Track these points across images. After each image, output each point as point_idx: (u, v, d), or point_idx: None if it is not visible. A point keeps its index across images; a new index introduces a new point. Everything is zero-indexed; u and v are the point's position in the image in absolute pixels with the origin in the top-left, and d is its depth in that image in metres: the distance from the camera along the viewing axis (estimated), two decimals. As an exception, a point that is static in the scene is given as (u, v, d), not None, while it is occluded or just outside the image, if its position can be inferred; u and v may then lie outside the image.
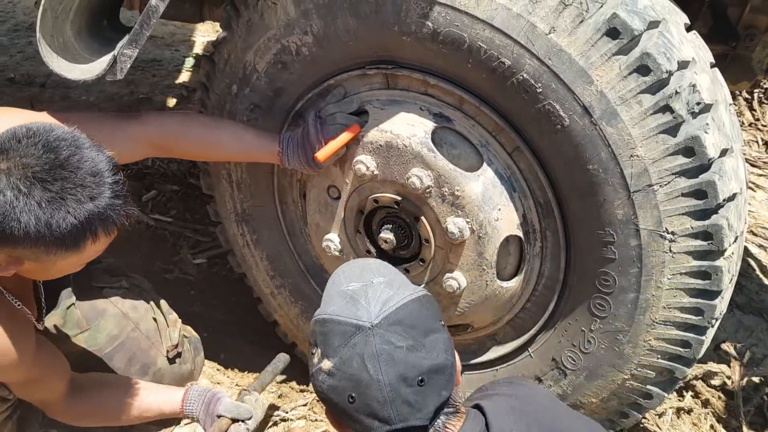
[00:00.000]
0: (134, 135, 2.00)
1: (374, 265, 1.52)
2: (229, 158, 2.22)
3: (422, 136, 1.92)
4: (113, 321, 2.27)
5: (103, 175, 1.55)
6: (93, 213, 1.53)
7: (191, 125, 2.07)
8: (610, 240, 1.80)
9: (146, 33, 1.73)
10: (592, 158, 1.73)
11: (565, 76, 1.68)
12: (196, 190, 3.27)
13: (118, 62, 1.76)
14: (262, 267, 2.48)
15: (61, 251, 1.55)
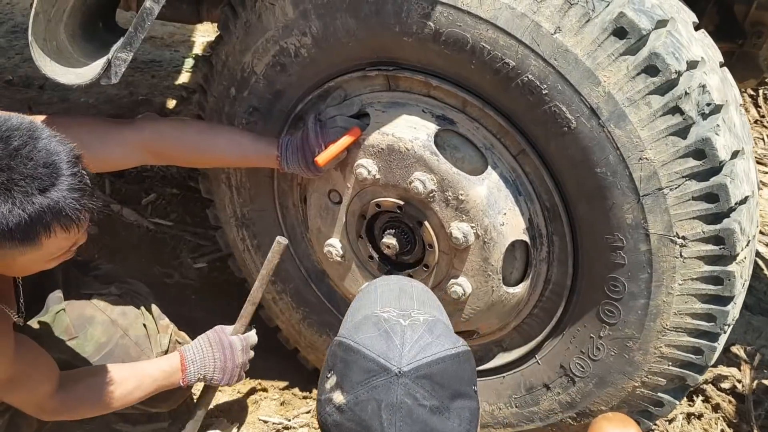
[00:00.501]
0: (127, 140, 1.96)
1: (415, 291, 1.43)
2: (226, 164, 2.18)
3: (425, 139, 1.88)
4: (101, 328, 2.21)
5: (58, 166, 1.47)
6: (43, 206, 1.45)
7: (187, 131, 2.03)
8: (619, 245, 1.75)
9: (141, 36, 1.68)
10: (600, 161, 1.68)
11: (571, 77, 1.63)
12: (196, 194, 3.22)
13: (113, 66, 1.71)
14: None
15: (13, 245, 1.47)
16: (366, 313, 1.35)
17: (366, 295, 1.42)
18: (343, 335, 1.32)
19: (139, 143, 1.96)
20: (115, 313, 2.21)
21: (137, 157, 1.99)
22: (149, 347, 2.23)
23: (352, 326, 1.32)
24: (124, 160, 1.99)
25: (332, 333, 2.41)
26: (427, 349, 1.25)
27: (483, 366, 2.18)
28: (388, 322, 1.29)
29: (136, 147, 1.96)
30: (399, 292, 1.40)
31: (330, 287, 2.39)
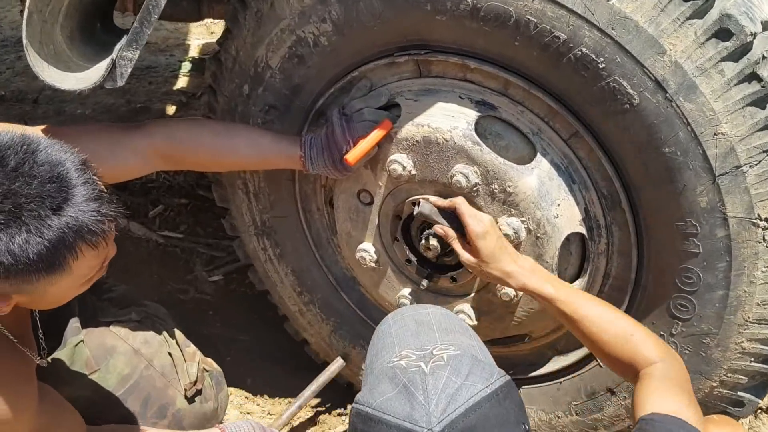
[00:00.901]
0: (138, 147, 1.78)
1: (434, 318, 1.26)
2: (245, 166, 2.00)
3: (464, 127, 1.70)
4: (124, 359, 2.04)
5: (66, 178, 1.30)
6: (62, 226, 1.29)
7: (202, 132, 1.85)
8: (692, 232, 1.57)
9: (147, 31, 1.50)
10: (668, 140, 1.50)
11: (632, 47, 1.45)
12: (206, 202, 3.05)
13: (118, 67, 1.53)
14: (287, 282, 2.26)
15: (40, 277, 1.32)
16: (382, 366, 1.17)
17: (380, 340, 1.25)
18: (360, 401, 1.14)
19: (152, 149, 1.78)
20: (137, 342, 2.04)
21: (151, 164, 1.81)
22: (176, 378, 2.06)
23: (368, 386, 1.15)
24: (136, 169, 1.81)
25: (366, 344, 2.23)
26: (458, 397, 1.07)
27: (536, 372, 2.00)
28: (406, 373, 1.10)
29: (149, 153, 1.79)
30: (416, 327, 1.23)
31: (361, 295, 2.21)
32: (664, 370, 1.45)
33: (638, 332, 1.51)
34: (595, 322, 1.54)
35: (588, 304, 1.58)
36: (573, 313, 1.56)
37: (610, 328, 1.53)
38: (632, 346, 1.49)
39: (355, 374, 2.32)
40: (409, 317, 1.28)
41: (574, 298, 1.58)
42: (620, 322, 1.54)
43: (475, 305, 1.90)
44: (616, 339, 1.51)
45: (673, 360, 1.49)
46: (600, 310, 1.56)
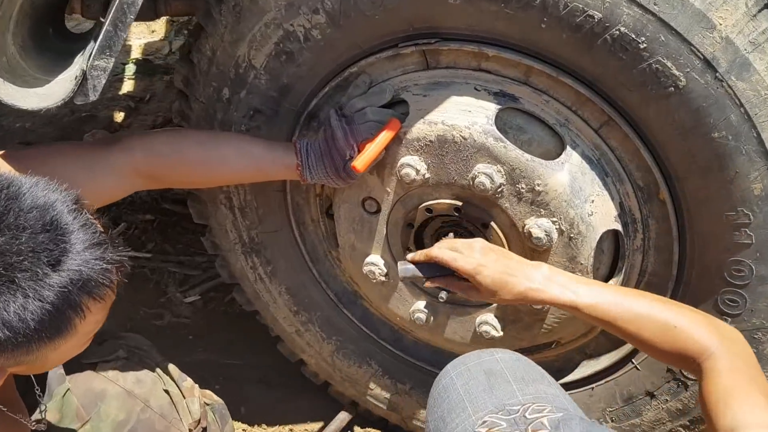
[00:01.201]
0: (116, 165, 1.56)
1: (505, 365, 1.07)
2: (237, 180, 1.79)
3: (484, 122, 1.52)
4: (117, 403, 1.82)
5: (60, 223, 1.10)
6: (64, 284, 1.08)
7: (185, 144, 1.63)
8: (744, 222, 1.44)
9: (123, 35, 1.28)
10: (718, 124, 1.36)
11: (677, 23, 1.30)
12: (173, 217, 2.80)
13: (90, 78, 1.31)
14: (281, 302, 2.06)
15: (42, 345, 1.11)
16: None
17: (445, 399, 1.07)
18: None
19: (132, 167, 1.57)
20: (129, 382, 1.82)
21: (131, 184, 1.60)
22: (177, 417, 1.84)
23: None
24: (116, 191, 1.59)
25: (373, 361, 2.06)
26: None
27: (565, 379, 1.85)
28: None
29: (129, 172, 1.57)
30: (487, 380, 1.05)
31: (365, 310, 2.03)
32: (728, 360, 1.25)
33: (682, 319, 1.31)
34: (631, 320, 1.33)
35: (618, 300, 1.36)
36: (603, 316, 1.35)
37: (648, 324, 1.32)
38: (678, 338, 1.30)
39: (361, 394, 2.14)
40: (476, 367, 1.09)
41: (600, 299, 1.36)
42: (659, 313, 1.33)
43: (500, 314, 1.74)
44: (658, 334, 1.31)
45: (732, 342, 1.29)
46: (633, 304, 1.35)
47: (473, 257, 1.43)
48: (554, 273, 1.42)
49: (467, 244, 1.47)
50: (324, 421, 2.27)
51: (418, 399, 2.05)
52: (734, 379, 1.23)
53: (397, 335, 2.03)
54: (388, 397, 2.09)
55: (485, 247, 1.47)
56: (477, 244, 1.47)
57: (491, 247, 1.48)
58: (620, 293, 1.39)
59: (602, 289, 1.40)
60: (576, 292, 1.37)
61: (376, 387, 2.09)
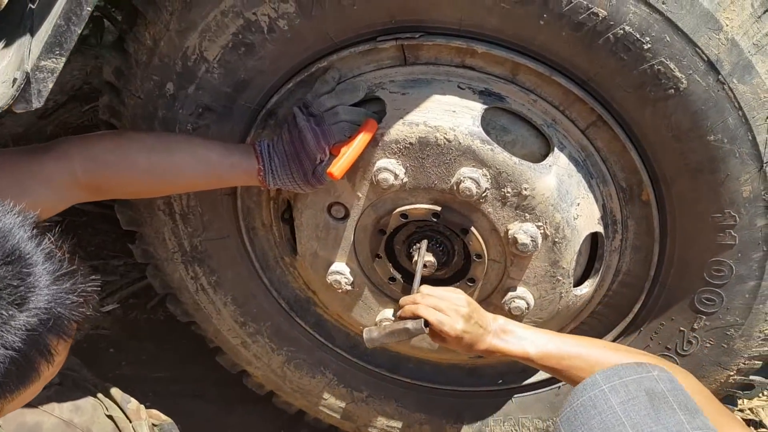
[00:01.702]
0: (54, 177, 1.36)
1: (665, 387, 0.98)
2: (190, 189, 1.60)
3: (469, 124, 1.43)
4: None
5: (21, 253, 0.94)
6: (31, 325, 0.93)
7: (132, 150, 1.42)
8: (729, 223, 1.43)
9: (77, 30, 1.07)
10: (714, 127, 1.33)
11: (684, 23, 1.25)
12: (82, 217, 2.52)
13: (34, 82, 1.09)
14: (226, 314, 1.89)
15: (6, 397, 0.96)
16: None
17: (594, 415, 0.96)
18: None
19: (70, 178, 1.36)
20: (66, 411, 1.64)
21: (69, 197, 1.40)
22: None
23: None
24: (51, 207, 1.37)
25: (328, 370, 1.94)
26: None
27: (531, 379, 1.82)
28: None
29: (66, 184, 1.37)
30: (650, 402, 0.95)
31: (319, 317, 1.90)
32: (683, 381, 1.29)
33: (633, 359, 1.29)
34: (582, 368, 1.34)
35: (569, 348, 1.38)
36: (556, 365, 1.38)
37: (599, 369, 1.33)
38: None
39: (313, 406, 2.01)
40: (634, 384, 0.97)
41: (552, 347, 1.39)
42: (610, 357, 1.33)
43: (473, 320, 1.66)
44: None
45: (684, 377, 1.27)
46: (583, 350, 1.37)
47: (458, 324, 1.40)
48: (509, 324, 1.44)
49: (452, 304, 1.42)
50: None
51: (375, 406, 1.95)
52: None
53: (353, 342, 1.91)
54: (343, 406, 1.98)
55: (469, 312, 1.42)
56: (461, 305, 1.42)
57: (472, 310, 1.43)
58: (570, 339, 1.42)
59: (554, 338, 1.42)
60: (530, 343, 1.40)
61: (330, 396, 1.97)
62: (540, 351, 1.39)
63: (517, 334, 1.42)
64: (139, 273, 2.37)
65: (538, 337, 1.41)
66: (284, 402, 2.09)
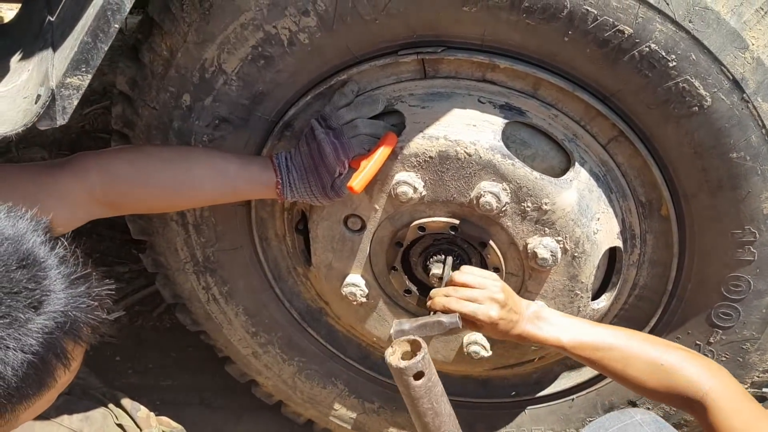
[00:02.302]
0: (68, 193, 1.34)
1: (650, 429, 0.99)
2: (208, 203, 1.58)
3: (490, 138, 1.42)
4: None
5: (35, 256, 0.94)
6: (50, 328, 0.92)
7: (150, 165, 1.41)
8: (749, 239, 1.43)
9: (104, 47, 1.06)
10: (737, 144, 1.33)
11: (710, 42, 1.25)
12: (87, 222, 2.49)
13: (59, 99, 1.07)
14: (238, 324, 1.87)
15: (23, 404, 0.95)
16: None
17: None
18: None
19: (87, 194, 1.34)
20: (75, 421, 1.64)
21: (86, 213, 1.38)
22: None
23: None
24: (67, 223, 1.35)
25: (339, 381, 1.93)
26: None
27: (545, 391, 1.82)
28: None
29: (83, 200, 1.35)
30: None
31: (331, 328, 1.89)
32: (726, 394, 1.27)
33: (670, 357, 1.31)
34: (617, 358, 1.33)
35: (603, 339, 1.35)
36: (590, 355, 1.36)
37: (636, 362, 1.32)
38: (669, 377, 1.30)
39: (322, 416, 2.00)
40: None
41: (586, 337, 1.36)
42: (647, 351, 1.33)
43: (489, 333, 1.66)
44: (647, 371, 1.31)
45: (723, 376, 1.30)
46: (619, 342, 1.35)
47: (493, 311, 1.37)
48: (544, 311, 1.41)
49: (487, 291, 1.38)
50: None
51: (386, 417, 1.94)
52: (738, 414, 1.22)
53: (364, 352, 1.91)
54: (354, 416, 1.97)
55: (504, 298, 1.38)
56: (496, 292, 1.38)
57: (507, 297, 1.39)
58: (605, 329, 1.39)
59: (589, 327, 1.38)
60: (564, 330, 1.37)
61: (341, 407, 1.96)
62: (573, 340, 1.35)
63: (551, 321, 1.39)
64: (146, 280, 2.36)
65: (573, 326, 1.38)
66: (293, 412, 2.08)
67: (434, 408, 1.23)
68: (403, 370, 1.22)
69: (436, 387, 1.24)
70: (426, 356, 1.23)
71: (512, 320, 1.39)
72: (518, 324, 1.40)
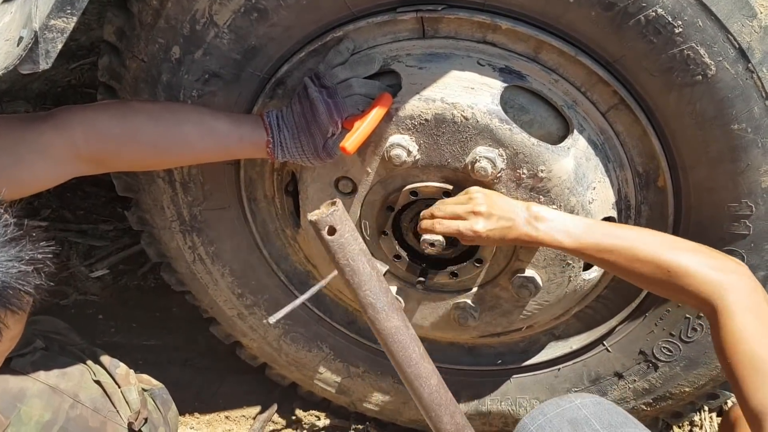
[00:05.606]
0: (50, 149, 1.29)
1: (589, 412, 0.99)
2: (196, 162, 1.54)
3: (488, 102, 1.39)
4: (40, 402, 1.59)
5: None
6: None
7: (137, 121, 1.36)
8: (745, 213, 1.42)
9: (91, -11, 1.01)
10: (739, 115, 1.31)
11: (718, 8, 1.22)
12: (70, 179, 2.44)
13: (42, 42, 1.02)
14: (223, 285, 1.85)
15: None
16: None
17: None
18: None
19: (71, 150, 1.30)
20: (52, 377, 1.60)
21: (68, 170, 1.33)
22: (113, 410, 1.63)
23: None
24: (48, 179, 1.32)
25: (325, 345, 1.91)
26: None
27: (531, 360, 1.81)
28: None
29: (66, 157, 1.30)
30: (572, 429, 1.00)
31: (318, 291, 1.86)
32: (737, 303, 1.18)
33: (680, 260, 1.23)
34: (623, 258, 1.27)
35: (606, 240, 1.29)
36: (596, 257, 1.30)
37: (642, 267, 1.25)
38: (678, 279, 1.23)
39: (307, 379, 1.99)
40: (557, 417, 1.00)
41: (588, 238, 1.29)
42: (654, 253, 1.25)
43: (478, 300, 1.64)
44: (653, 276, 1.25)
45: (739, 281, 1.21)
46: (625, 242, 1.27)
47: (478, 225, 1.35)
48: (543, 211, 1.35)
49: (469, 206, 1.36)
50: (260, 404, 2.11)
51: (371, 382, 1.93)
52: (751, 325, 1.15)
53: (351, 317, 1.89)
54: (339, 380, 1.96)
55: (487, 209, 1.35)
56: (478, 205, 1.35)
57: (489, 206, 1.35)
58: (614, 230, 1.32)
59: (594, 226, 1.32)
60: (564, 232, 1.31)
61: (326, 370, 1.95)
62: (575, 241, 1.29)
63: (551, 222, 1.32)
64: (130, 239, 2.32)
65: (575, 225, 1.31)
66: (278, 374, 2.06)
67: (351, 265, 1.19)
68: (315, 222, 1.18)
69: (350, 244, 1.19)
70: (338, 212, 1.18)
71: (504, 227, 1.34)
72: (513, 228, 1.34)
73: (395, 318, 1.23)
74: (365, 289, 1.21)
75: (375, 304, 1.21)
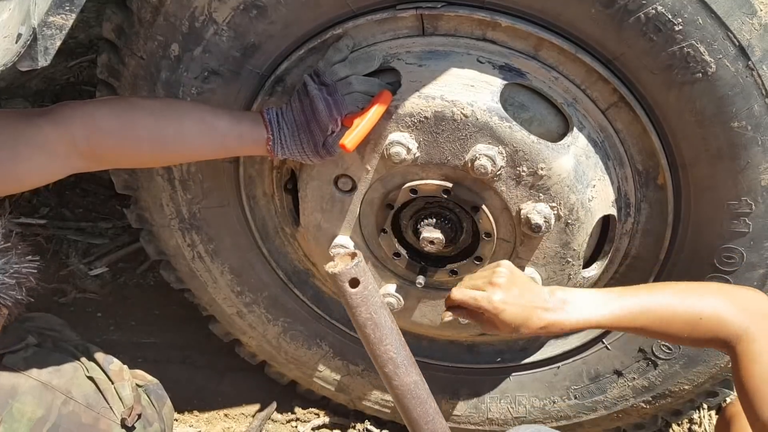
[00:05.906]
0: (49, 142, 1.29)
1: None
2: (195, 159, 1.54)
3: (488, 100, 1.39)
4: (32, 399, 1.59)
5: None
6: None
7: (136, 117, 1.36)
8: (744, 211, 1.42)
9: (90, -13, 1.00)
10: (739, 113, 1.31)
11: (718, 6, 1.22)
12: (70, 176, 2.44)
13: (41, 39, 1.02)
14: (223, 282, 1.84)
15: None
16: None
17: None
18: None
19: (68, 145, 1.29)
20: (44, 373, 1.59)
21: (65, 166, 1.33)
22: (106, 406, 1.63)
23: None
24: (46, 173, 1.31)
25: (324, 342, 1.91)
26: None
27: (530, 359, 1.81)
28: None
29: (64, 152, 1.30)
30: None
31: (317, 289, 1.87)
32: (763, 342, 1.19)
33: (706, 306, 1.24)
34: (656, 322, 1.27)
35: (636, 306, 1.27)
36: (629, 325, 1.29)
37: (674, 321, 1.26)
38: (708, 328, 1.23)
39: (306, 377, 1.99)
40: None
41: (620, 310, 1.27)
42: (682, 306, 1.26)
43: (478, 299, 1.64)
44: (686, 328, 1.25)
45: (762, 318, 1.21)
46: (653, 304, 1.27)
47: (495, 295, 1.27)
48: (568, 295, 1.29)
49: (490, 277, 1.29)
50: (259, 402, 2.11)
51: (370, 380, 1.93)
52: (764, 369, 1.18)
53: (350, 315, 1.89)
54: (338, 378, 1.96)
55: (507, 281, 1.29)
56: (498, 276, 1.29)
57: (509, 281, 1.29)
58: (636, 296, 1.30)
59: (619, 297, 1.29)
60: (595, 311, 1.27)
61: (325, 368, 1.95)
62: (609, 318, 1.26)
63: (577, 304, 1.27)
64: (130, 237, 2.32)
65: (605, 303, 1.27)
66: (277, 372, 2.06)
67: (373, 318, 1.18)
68: (337, 275, 1.17)
69: (373, 297, 1.18)
70: (361, 264, 1.17)
71: (529, 307, 1.27)
72: (541, 318, 1.27)
73: (414, 372, 1.22)
74: (386, 343, 1.19)
75: (396, 359, 1.20)
